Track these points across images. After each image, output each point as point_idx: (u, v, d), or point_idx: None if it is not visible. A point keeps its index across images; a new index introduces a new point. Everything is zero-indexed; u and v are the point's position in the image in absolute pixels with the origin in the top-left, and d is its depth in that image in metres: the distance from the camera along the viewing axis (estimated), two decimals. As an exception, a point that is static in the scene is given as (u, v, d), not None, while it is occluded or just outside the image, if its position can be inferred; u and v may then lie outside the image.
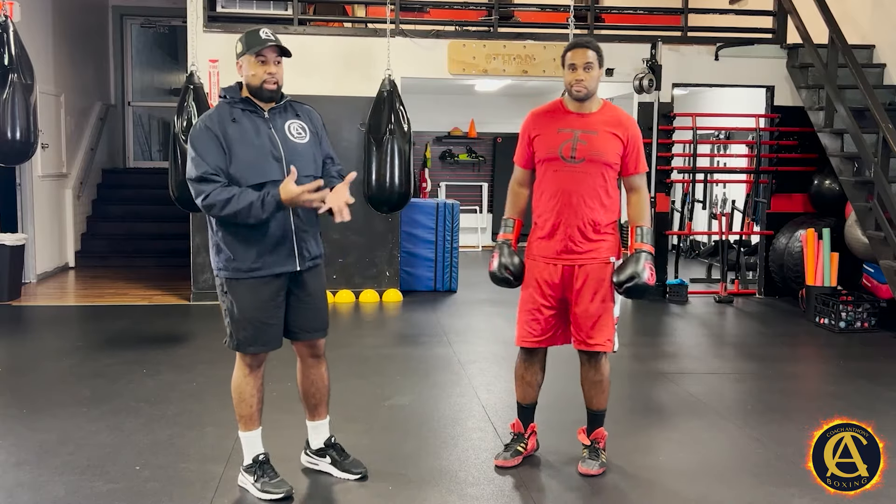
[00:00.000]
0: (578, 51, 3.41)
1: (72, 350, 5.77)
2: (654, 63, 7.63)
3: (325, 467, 3.47)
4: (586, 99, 3.43)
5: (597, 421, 3.62)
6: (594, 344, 3.45)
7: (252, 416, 3.26)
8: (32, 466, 3.54)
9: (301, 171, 3.08)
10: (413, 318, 7.00)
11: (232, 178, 3.06)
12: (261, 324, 3.15)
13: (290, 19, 7.57)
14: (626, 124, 3.46)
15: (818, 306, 6.72)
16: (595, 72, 3.41)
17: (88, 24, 10.50)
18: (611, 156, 3.40)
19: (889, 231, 6.07)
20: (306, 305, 3.27)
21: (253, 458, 3.28)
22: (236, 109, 3.13)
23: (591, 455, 3.57)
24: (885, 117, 6.20)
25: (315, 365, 3.39)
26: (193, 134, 3.10)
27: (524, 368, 3.63)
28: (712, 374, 5.29)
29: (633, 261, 3.38)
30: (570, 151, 3.38)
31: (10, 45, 5.52)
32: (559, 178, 3.41)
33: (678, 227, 9.62)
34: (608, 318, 3.46)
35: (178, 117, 6.37)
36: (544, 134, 3.46)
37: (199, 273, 7.50)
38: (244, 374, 3.24)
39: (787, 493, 3.35)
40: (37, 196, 8.55)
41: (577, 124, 3.42)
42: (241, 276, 3.12)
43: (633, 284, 3.35)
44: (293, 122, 3.22)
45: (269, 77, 3.11)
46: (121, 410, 4.31)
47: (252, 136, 3.10)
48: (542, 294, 3.47)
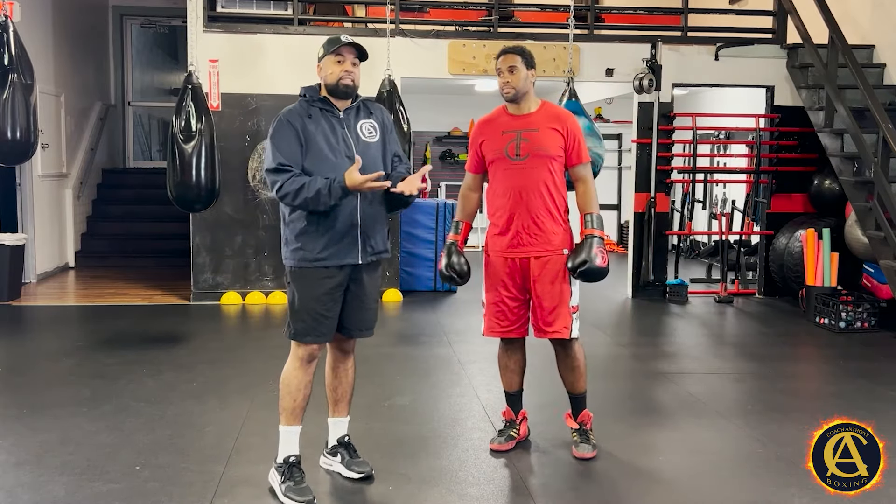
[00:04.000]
0: (503, 57, 3.66)
1: (72, 350, 5.77)
2: (654, 63, 7.63)
3: (336, 467, 3.50)
4: (516, 100, 3.64)
5: (580, 403, 3.80)
6: (551, 331, 3.63)
7: (294, 410, 3.30)
8: (32, 466, 3.54)
9: (371, 168, 3.17)
10: (413, 318, 7.00)
11: (306, 172, 3.18)
12: (319, 315, 3.23)
13: (290, 19, 7.57)
14: (564, 119, 3.66)
15: (818, 306, 6.72)
16: (521, 73, 3.61)
17: (88, 24, 10.51)
18: (553, 149, 3.60)
19: (889, 231, 6.07)
20: (361, 303, 3.35)
21: (284, 458, 3.29)
22: (314, 108, 3.26)
23: (581, 439, 3.74)
24: (885, 117, 6.20)
25: (344, 360, 3.47)
26: (274, 127, 3.23)
27: (506, 357, 3.85)
28: (712, 374, 5.29)
29: (585, 247, 3.54)
30: (515, 150, 3.60)
31: (10, 45, 5.51)
32: (508, 175, 3.61)
33: (678, 227, 9.62)
34: (564, 307, 3.63)
35: (177, 117, 6.36)
36: (490, 138, 3.68)
37: (199, 273, 7.50)
38: (296, 367, 3.30)
39: (787, 493, 3.34)
40: (37, 196, 8.55)
41: (519, 125, 3.63)
42: (307, 266, 3.22)
43: (585, 268, 3.52)
44: (365, 121, 3.34)
45: (346, 74, 3.22)
46: (121, 410, 4.31)
47: (328, 134, 3.23)
48: (504, 286, 3.68)
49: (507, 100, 3.67)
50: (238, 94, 7.41)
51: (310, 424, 3.83)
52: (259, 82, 7.40)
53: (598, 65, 7.84)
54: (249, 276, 7.57)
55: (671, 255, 8.41)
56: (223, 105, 7.37)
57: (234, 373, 5.04)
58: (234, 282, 7.56)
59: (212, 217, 7.35)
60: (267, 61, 7.40)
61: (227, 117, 7.32)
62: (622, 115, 9.29)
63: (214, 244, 7.51)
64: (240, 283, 7.57)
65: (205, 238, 7.50)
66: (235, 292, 7.52)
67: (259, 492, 3.31)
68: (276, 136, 3.20)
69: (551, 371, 4.30)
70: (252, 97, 7.40)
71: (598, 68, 7.85)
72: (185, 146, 6.26)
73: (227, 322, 6.91)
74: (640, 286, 7.94)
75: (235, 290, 7.53)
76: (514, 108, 3.67)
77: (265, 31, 7.51)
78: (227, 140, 7.24)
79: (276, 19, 7.64)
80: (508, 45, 3.76)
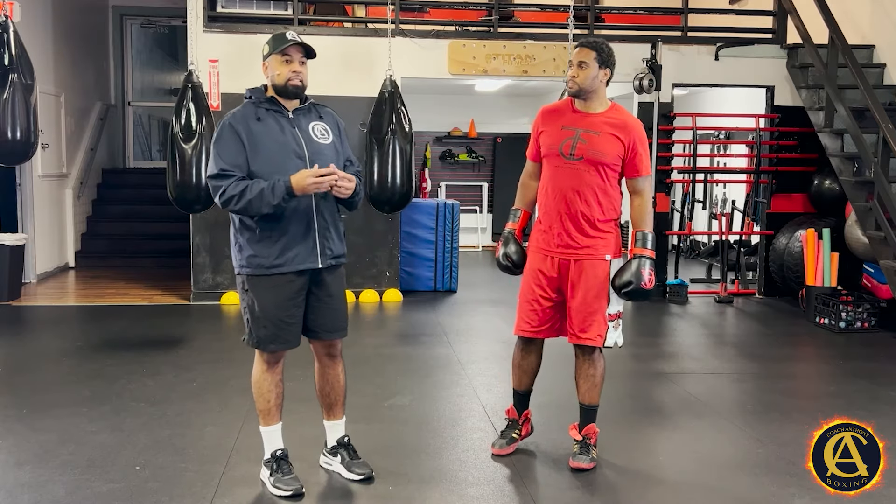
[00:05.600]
0: (578, 49, 3.51)
1: (72, 350, 5.77)
2: (654, 63, 7.63)
3: (336, 467, 3.51)
4: (579, 95, 3.51)
5: (588, 416, 3.68)
6: (585, 338, 3.53)
7: (270, 411, 3.32)
8: (33, 466, 3.54)
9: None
10: (413, 318, 7.00)
11: (255, 175, 3.11)
12: (281, 322, 3.20)
13: (290, 19, 7.57)
14: (630, 128, 3.51)
15: (818, 306, 6.72)
16: (591, 70, 3.47)
17: (88, 24, 10.51)
18: (610, 157, 3.46)
19: (889, 231, 6.07)
20: (326, 305, 3.30)
21: (271, 454, 3.34)
22: (261, 109, 3.21)
23: (581, 450, 3.62)
24: (885, 117, 6.20)
25: (331, 365, 3.44)
26: (217, 132, 3.17)
27: (521, 357, 3.75)
28: (712, 374, 5.29)
29: (633, 267, 3.45)
30: (570, 149, 3.48)
31: (10, 45, 5.52)
32: (558, 174, 3.52)
33: (678, 227, 9.63)
34: (600, 315, 3.53)
35: (177, 117, 6.36)
36: (549, 130, 3.57)
37: (199, 273, 7.50)
38: (262, 371, 3.31)
39: (787, 493, 3.35)
40: (37, 196, 8.55)
41: (581, 123, 3.51)
42: (264, 273, 3.17)
43: (630, 290, 3.44)
44: (317, 123, 3.28)
45: (294, 75, 3.17)
46: (121, 410, 4.31)
47: (276, 134, 3.17)
48: (539, 285, 3.58)
49: (570, 94, 3.53)
50: (238, 94, 7.25)
51: (308, 425, 3.87)
52: (259, 82, 7.31)
53: (598, 65, 7.82)
54: (249, 276, 7.55)
55: (671, 255, 8.41)
56: (223, 105, 7.36)
57: (234, 373, 5.04)
58: (234, 282, 7.53)
59: (211, 217, 7.34)
60: (267, 61, 7.39)
61: (227, 117, 7.31)
62: (622, 115, 9.31)
63: (214, 244, 7.50)
64: (240, 283, 7.55)
65: (204, 238, 7.50)
66: (235, 292, 7.49)
67: (258, 491, 3.32)
68: (218, 141, 3.14)
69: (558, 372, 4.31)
70: (252, 97, 7.39)
71: (598, 68, 7.83)
72: (186, 146, 6.26)
73: (226, 322, 6.90)
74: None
75: (235, 291, 7.51)
76: (581, 104, 3.53)
77: (265, 31, 7.49)
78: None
79: (276, 19, 7.65)
80: (591, 40, 3.53)
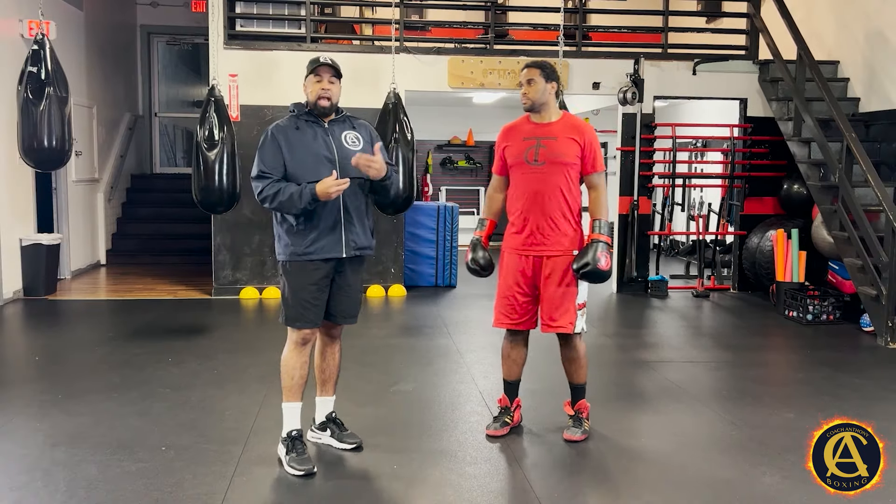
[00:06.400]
0: (525, 70, 3.65)
1: (103, 341, 5.77)
2: (636, 77, 7.63)
3: (326, 440, 3.59)
4: (534, 109, 3.64)
5: (578, 393, 3.78)
6: (556, 326, 3.61)
7: (292, 388, 3.39)
8: (67, 447, 3.54)
9: (352, 173, 3.27)
10: (416, 311, 7.00)
11: (291, 177, 3.27)
12: (307, 302, 3.32)
13: (304, 37, 7.57)
14: (583, 130, 3.64)
15: (787, 300, 6.72)
16: (538, 85, 3.59)
17: (118, 41, 10.50)
18: (570, 157, 3.58)
19: (852, 231, 6.07)
20: (344, 293, 3.44)
21: (287, 433, 3.38)
22: (301, 120, 3.37)
23: (574, 424, 3.73)
24: (848, 127, 6.21)
25: (331, 344, 3.56)
26: (261, 140, 3.34)
27: (510, 348, 3.81)
28: (690, 363, 5.29)
29: (590, 250, 3.52)
30: (534, 156, 3.59)
31: (46, 61, 5.51)
32: (527, 179, 3.61)
33: (659, 227, 9.62)
34: (570, 304, 3.61)
35: (201, 127, 6.34)
36: (512, 144, 3.68)
37: (220, 270, 7.50)
38: (291, 349, 3.39)
39: (758, 472, 3.35)
40: (71, 199, 8.54)
41: (539, 133, 3.63)
42: (296, 259, 3.31)
43: (588, 270, 3.51)
44: (349, 132, 3.42)
45: (323, 92, 3.32)
46: (148, 396, 4.31)
47: (310, 142, 3.32)
48: (516, 282, 3.66)
49: (525, 109, 3.67)
50: (256, 105, 7.41)
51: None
52: (275, 95, 7.38)
53: (586, 79, 7.83)
54: (266, 273, 7.57)
55: (652, 253, 8.41)
56: (242, 116, 7.36)
57: (252, 361, 5.04)
58: (252, 278, 7.56)
59: (232, 219, 7.34)
60: (282, 76, 7.39)
61: (245, 127, 7.31)
62: (608, 125, 9.28)
63: (234, 243, 7.51)
64: (257, 279, 7.57)
65: (225, 238, 7.50)
66: (253, 287, 7.52)
67: (274, 470, 3.32)
68: (261, 147, 3.32)
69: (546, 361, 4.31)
70: (268, 108, 7.39)
71: (585, 82, 7.84)
72: (209, 154, 6.25)
73: (245, 315, 6.90)
74: (625, 282, 7.93)
75: (253, 286, 7.53)
76: (536, 117, 3.66)
77: (280, 48, 7.51)
78: (246, 148, 7.19)
79: (290, 37, 7.63)
80: (536, 60, 3.71)
